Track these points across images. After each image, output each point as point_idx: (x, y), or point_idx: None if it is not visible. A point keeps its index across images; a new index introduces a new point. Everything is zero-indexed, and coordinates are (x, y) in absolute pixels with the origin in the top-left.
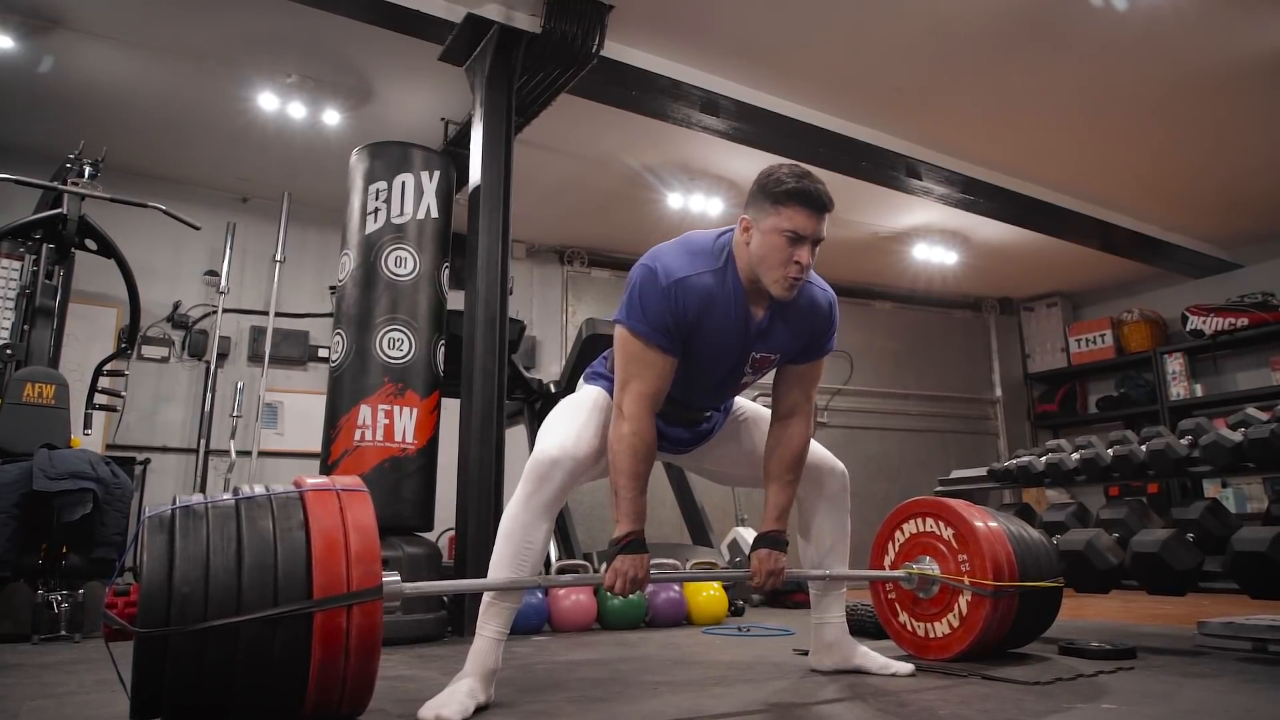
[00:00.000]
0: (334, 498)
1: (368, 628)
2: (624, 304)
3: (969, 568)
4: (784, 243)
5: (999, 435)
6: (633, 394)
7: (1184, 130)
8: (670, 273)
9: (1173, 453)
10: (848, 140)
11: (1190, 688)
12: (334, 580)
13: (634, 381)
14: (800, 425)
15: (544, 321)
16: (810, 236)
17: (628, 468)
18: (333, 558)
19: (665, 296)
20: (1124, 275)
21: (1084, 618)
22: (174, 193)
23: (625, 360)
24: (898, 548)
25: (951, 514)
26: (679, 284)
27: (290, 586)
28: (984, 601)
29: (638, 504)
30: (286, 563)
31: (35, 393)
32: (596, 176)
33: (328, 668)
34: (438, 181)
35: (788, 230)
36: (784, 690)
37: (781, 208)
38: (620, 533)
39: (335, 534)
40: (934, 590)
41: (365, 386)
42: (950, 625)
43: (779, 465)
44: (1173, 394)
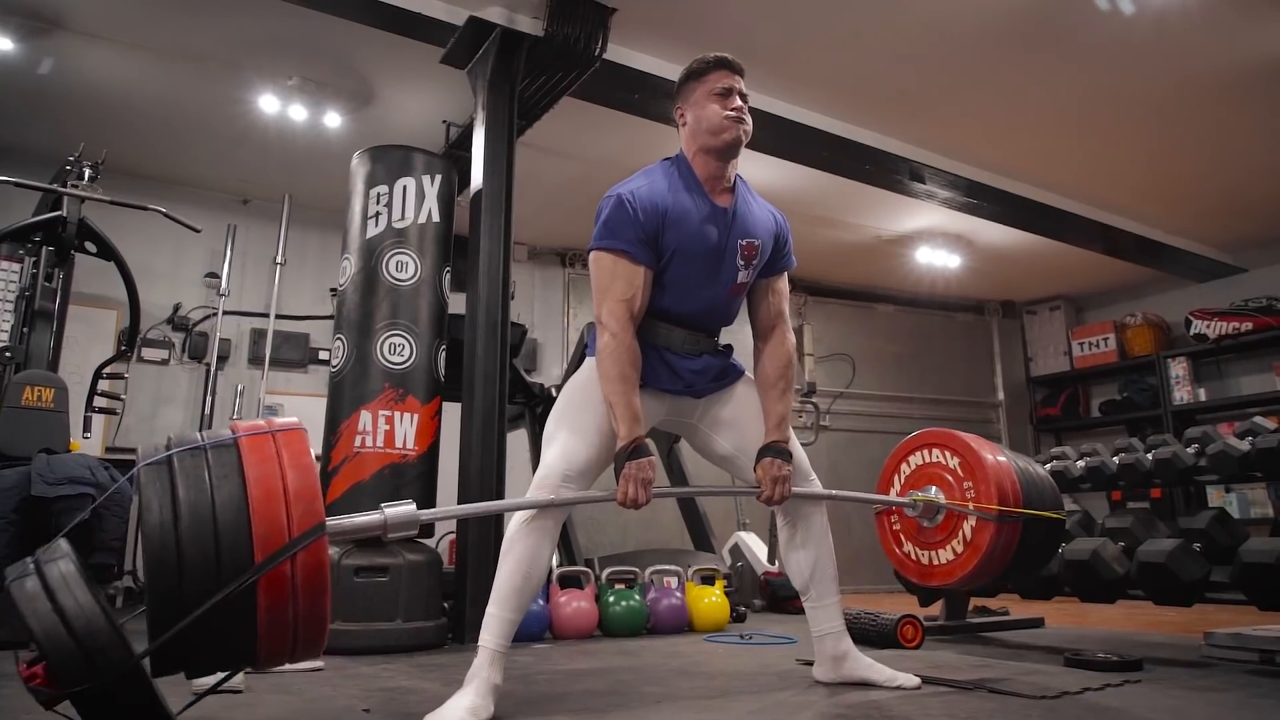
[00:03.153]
0: (269, 440)
1: (314, 568)
2: (594, 236)
3: (974, 495)
4: (717, 100)
5: (1001, 439)
6: (609, 303)
7: (1188, 134)
8: (628, 189)
9: (1179, 462)
10: (851, 144)
11: (1198, 702)
12: (275, 529)
13: (608, 292)
14: (781, 338)
15: (546, 324)
16: (734, 89)
17: (614, 372)
18: (271, 504)
19: (625, 207)
20: (1127, 279)
21: (1088, 626)
22: (174, 195)
23: (599, 276)
24: (904, 479)
25: (958, 443)
26: (636, 193)
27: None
28: (988, 526)
29: (632, 406)
30: (225, 514)
31: (34, 396)
32: (599, 180)
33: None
34: (439, 185)
35: (717, 88)
36: (787, 704)
37: (705, 76)
38: (623, 441)
39: (273, 479)
40: (939, 518)
41: (366, 392)
42: (955, 551)
43: (771, 372)
44: (1176, 398)
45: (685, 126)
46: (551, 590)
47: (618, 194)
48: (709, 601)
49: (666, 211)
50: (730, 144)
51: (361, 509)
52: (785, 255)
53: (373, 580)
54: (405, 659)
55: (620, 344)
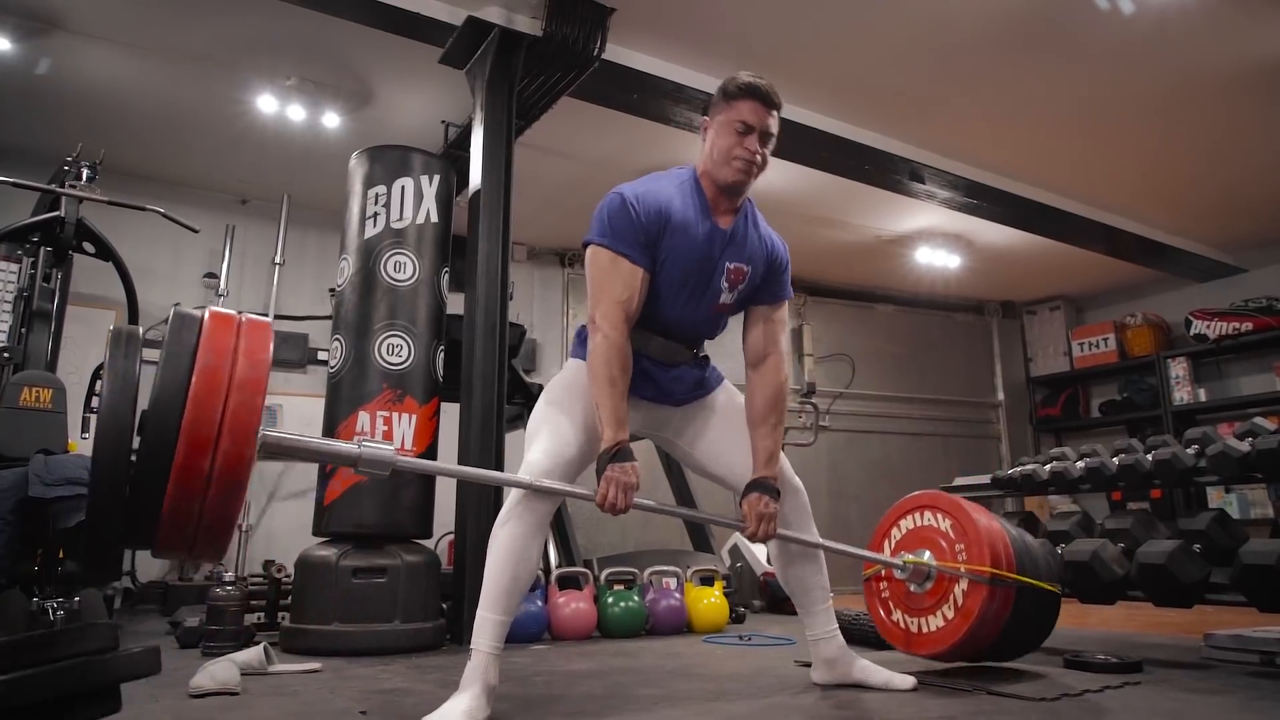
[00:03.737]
0: (233, 324)
1: (232, 465)
2: (592, 227)
3: (966, 557)
4: (732, 135)
5: (1001, 439)
6: (605, 304)
7: (1188, 134)
8: (632, 192)
9: (1179, 463)
10: (851, 144)
11: (1199, 704)
12: (205, 417)
13: (604, 293)
14: (774, 366)
15: (545, 324)
16: (758, 127)
17: (603, 374)
18: (210, 393)
19: (629, 209)
20: (1127, 279)
21: (1088, 627)
22: (173, 195)
23: (596, 274)
24: (895, 544)
25: (949, 504)
26: (641, 197)
27: (160, 424)
28: (980, 589)
29: (619, 410)
30: (163, 394)
31: (32, 396)
32: (598, 180)
33: (179, 508)
34: (437, 185)
35: (738, 122)
36: (785, 706)
37: (734, 102)
38: (607, 444)
39: (220, 369)
40: (928, 584)
41: (364, 393)
42: (945, 618)
43: (762, 405)
44: (1176, 398)
45: (704, 134)
46: (550, 591)
47: (622, 194)
48: (708, 603)
49: (669, 219)
50: (732, 185)
51: (360, 510)
52: (781, 285)
53: (371, 581)
54: (403, 660)
55: (613, 346)
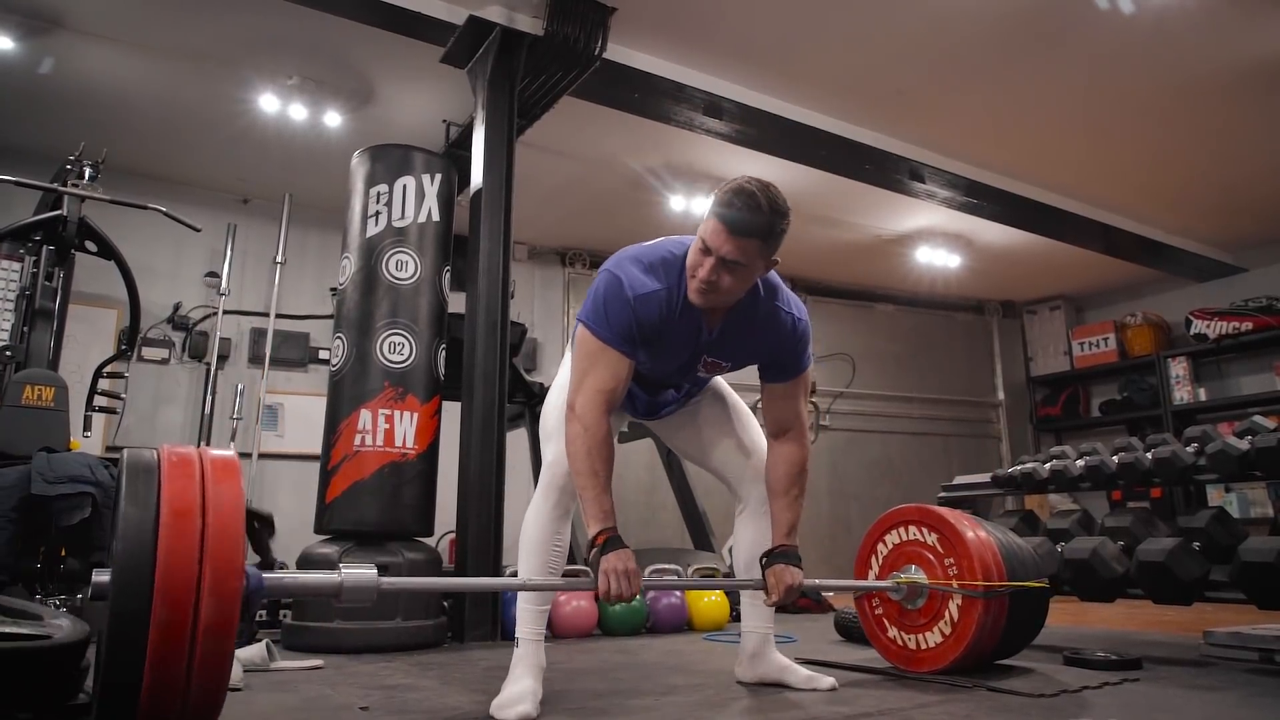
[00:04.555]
0: (193, 467)
1: (216, 635)
2: (588, 305)
3: (957, 571)
4: (695, 251)
5: (1001, 438)
6: (587, 390)
7: (1187, 134)
8: (634, 287)
9: (1179, 461)
10: (850, 143)
11: (1198, 701)
12: (181, 580)
13: (589, 378)
14: (795, 442)
15: (545, 323)
16: (715, 252)
17: (584, 467)
18: (182, 552)
19: (627, 306)
20: (1127, 278)
21: (1087, 624)
22: (174, 194)
23: (583, 357)
24: (882, 560)
25: (935, 519)
26: (640, 299)
27: (130, 585)
28: (975, 605)
29: (602, 502)
30: (129, 553)
31: (34, 395)
32: (598, 178)
33: (161, 681)
34: (439, 184)
35: (700, 240)
36: (787, 702)
37: (709, 216)
38: (592, 535)
39: (190, 518)
40: (921, 601)
41: (365, 391)
42: (942, 634)
43: (785, 478)
44: (1176, 398)
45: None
46: None
47: (624, 281)
48: (708, 601)
49: (660, 324)
50: (695, 303)
51: (361, 508)
52: (794, 363)
53: None
54: (404, 657)
55: (593, 438)
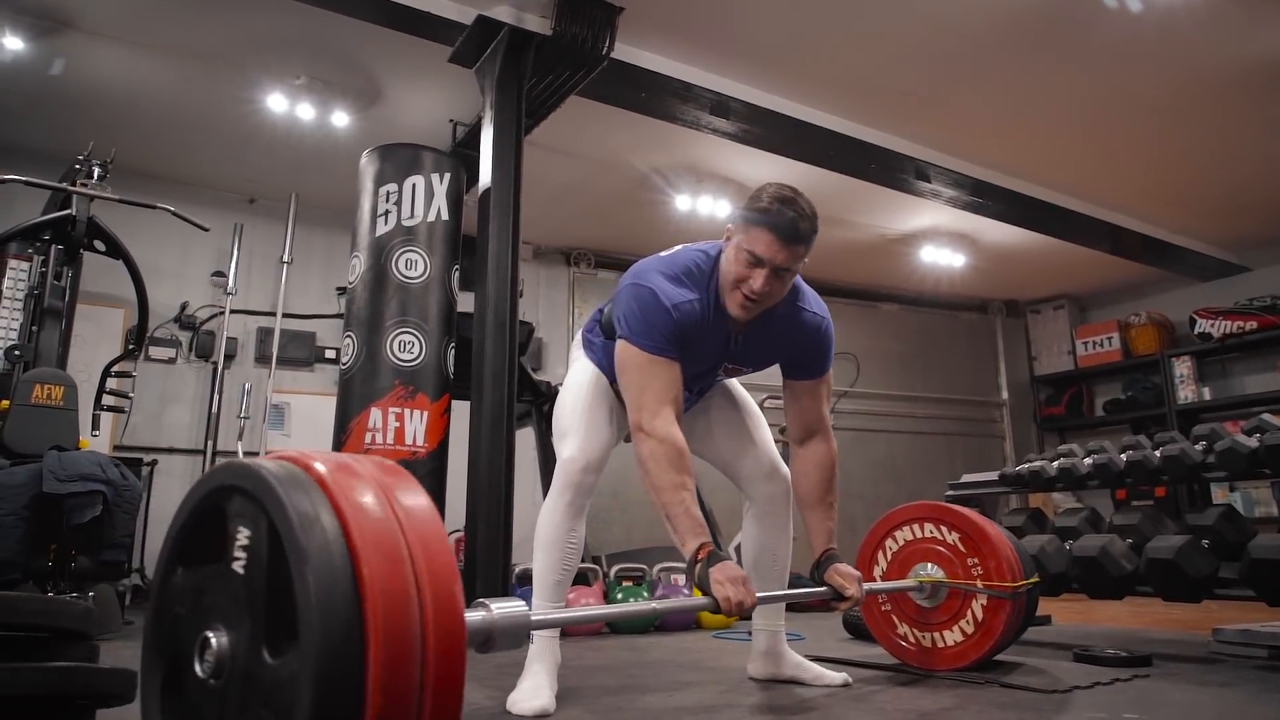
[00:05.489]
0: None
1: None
2: (625, 322)
3: (981, 571)
4: (743, 263)
5: (1005, 438)
6: (651, 405)
7: (1191, 133)
8: (670, 297)
9: (1188, 458)
10: (856, 142)
11: (1210, 697)
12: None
13: (648, 393)
14: (824, 442)
15: (550, 323)
16: (769, 263)
17: (668, 481)
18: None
19: (669, 316)
20: (1131, 278)
21: (1094, 623)
22: (182, 194)
23: (637, 374)
24: (891, 556)
25: (958, 518)
26: (678, 308)
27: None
28: (1004, 605)
29: (694, 515)
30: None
31: (44, 394)
32: (604, 179)
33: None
34: (448, 184)
35: (748, 251)
36: (801, 696)
37: (751, 227)
38: (693, 549)
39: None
40: (940, 599)
41: (376, 389)
42: (963, 632)
43: (817, 485)
44: (1180, 397)
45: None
46: None
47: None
48: None
49: (696, 329)
50: (735, 316)
51: None
52: (820, 362)
53: None
54: None
55: (673, 450)
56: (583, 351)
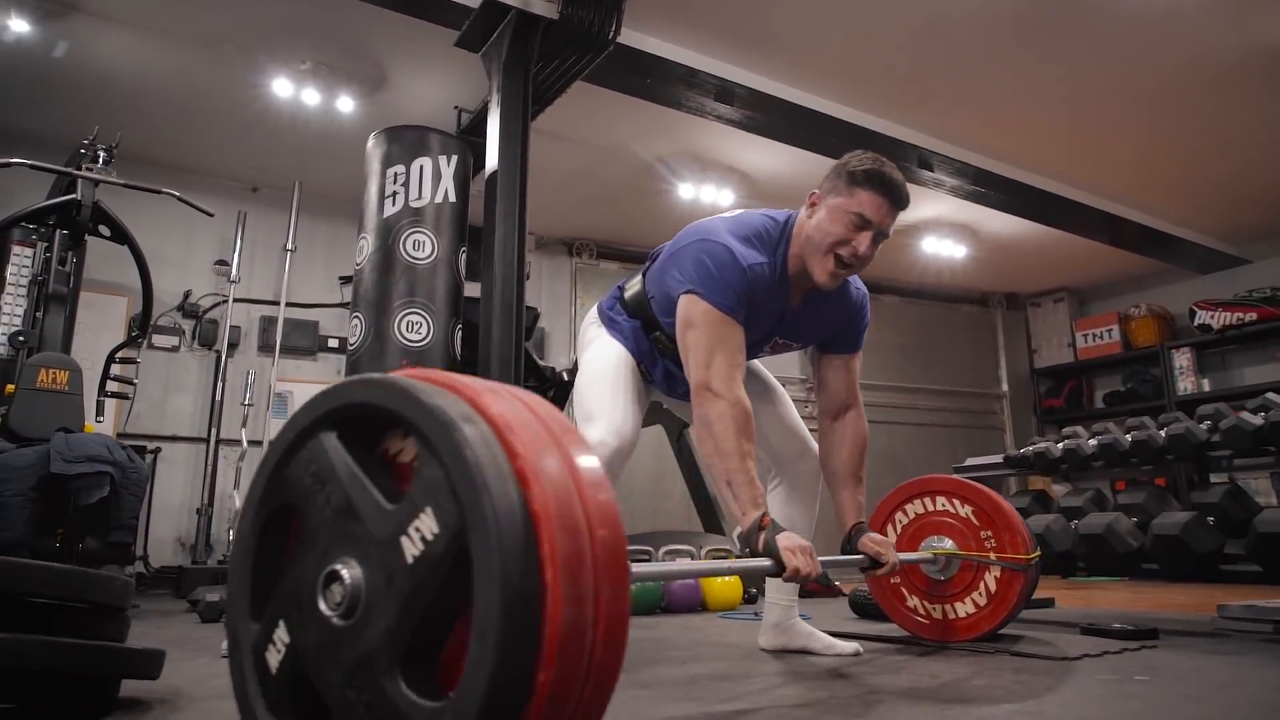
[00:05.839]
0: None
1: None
2: (696, 278)
3: (995, 544)
4: (847, 226)
5: (1005, 430)
6: (721, 366)
7: (1192, 123)
8: (745, 256)
9: (1192, 437)
10: (860, 130)
11: (1219, 663)
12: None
13: (719, 354)
14: (858, 418)
15: (553, 314)
16: (875, 226)
17: (734, 447)
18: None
19: (744, 277)
20: (1132, 270)
21: (1096, 605)
22: (186, 182)
23: (707, 332)
24: (900, 529)
25: (972, 491)
26: (753, 269)
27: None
28: (1018, 577)
29: (756, 483)
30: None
31: (49, 378)
32: (607, 167)
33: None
34: (455, 166)
35: (855, 213)
36: (816, 664)
37: (856, 189)
38: (755, 519)
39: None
40: (952, 572)
41: (383, 369)
42: (975, 604)
43: (849, 461)
44: (1180, 389)
45: (809, 214)
46: None
47: (735, 251)
48: (722, 582)
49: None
50: (820, 284)
51: None
52: (860, 336)
53: None
54: None
55: (741, 413)
56: (604, 330)
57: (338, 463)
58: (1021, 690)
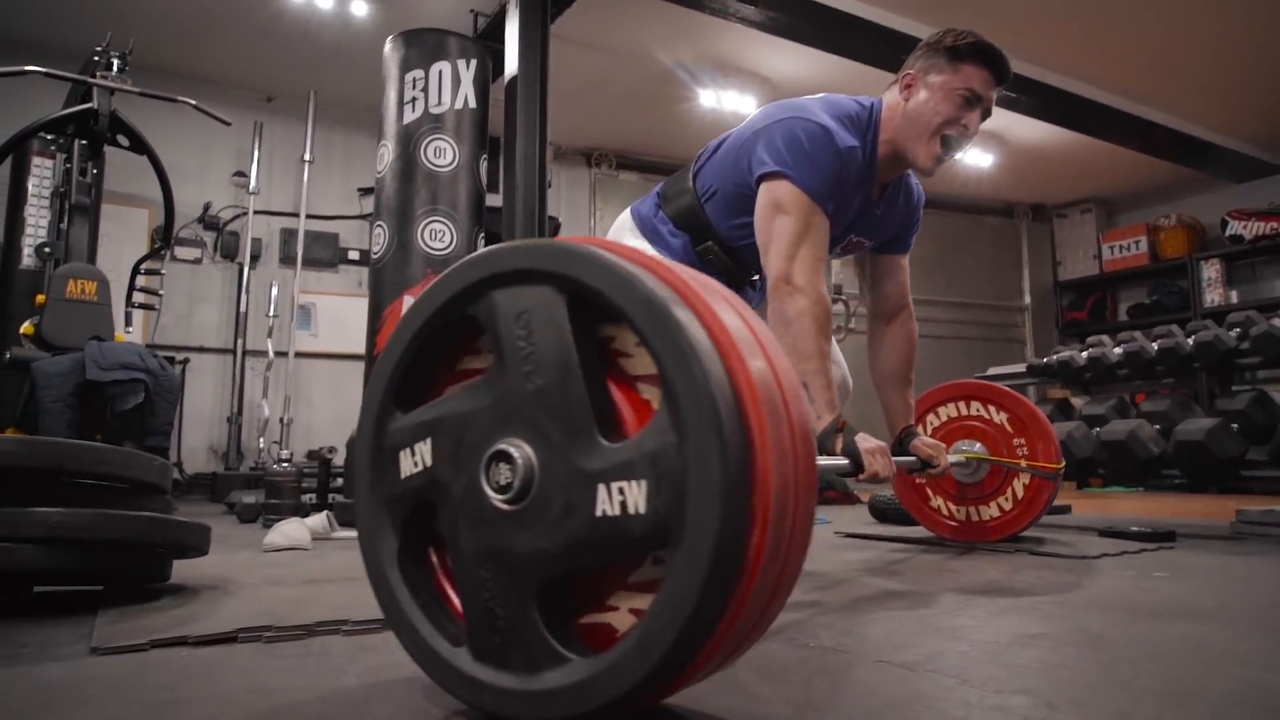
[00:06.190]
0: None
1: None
2: (786, 158)
3: (1028, 451)
4: (956, 104)
5: (1026, 343)
6: (806, 258)
7: (1232, 20)
8: (841, 138)
9: (1221, 344)
10: (887, 32)
11: (1237, 562)
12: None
13: (806, 245)
14: (909, 320)
15: (571, 226)
16: (984, 101)
17: (816, 348)
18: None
19: (839, 159)
20: (1162, 179)
21: (1115, 513)
22: (200, 92)
23: (795, 219)
24: (931, 430)
25: (1008, 398)
26: (849, 151)
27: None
28: (1047, 485)
29: (832, 388)
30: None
31: (78, 289)
32: (627, 73)
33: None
34: (474, 70)
35: (963, 89)
36: (850, 559)
37: (962, 64)
38: (829, 423)
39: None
40: (982, 474)
41: (408, 278)
42: (1001, 508)
43: (900, 364)
44: (1207, 300)
45: (904, 97)
46: None
47: (832, 130)
48: None
49: (852, 184)
50: (921, 170)
51: None
52: (911, 237)
53: None
54: None
55: (823, 310)
56: (647, 244)
57: (558, 338)
58: (1047, 585)
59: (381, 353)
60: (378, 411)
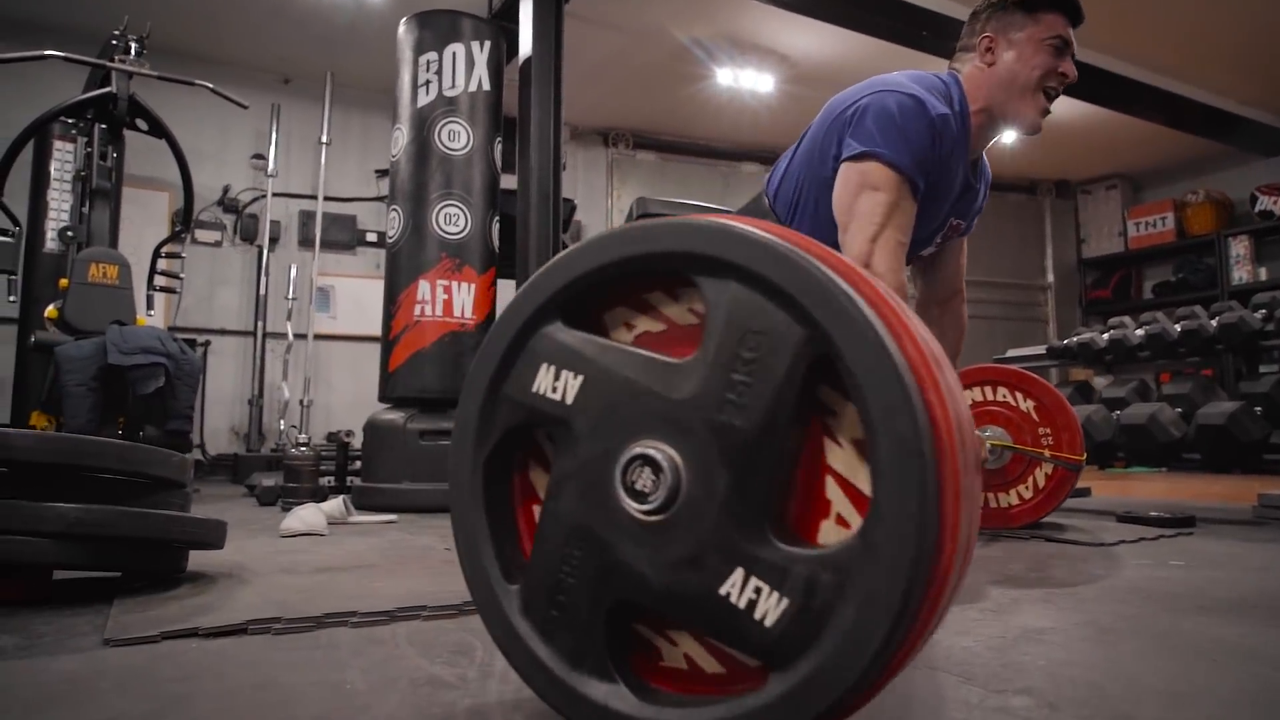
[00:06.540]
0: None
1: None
2: (874, 134)
3: (1052, 441)
4: (1049, 53)
5: (1049, 321)
6: (890, 245)
7: None
8: (933, 105)
9: (1246, 326)
10: (908, 7)
11: (1257, 549)
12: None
13: (890, 228)
14: (960, 305)
15: (588, 206)
16: (1071, 46)
17: None
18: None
19: (932, 129)
20: (1189, 154)
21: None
22: (216, 74)
23: (884, 197)
24: None
25: (1037, 386)
26: (944, 119)
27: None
28: (1070, 476)
29: None
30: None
31: (100, 273)
32: (642, 51)
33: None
34: (488, 52)
35: (1051, 38)
36: None
37: (1041, 14)
38: None
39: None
40: (1004, 460)
41: (423, 262)
42: (1021, 497)
43: (951, 350)
44: (1235, 278)
45: (988, 62)
46: None
47: (924, 100)
48: None
49: (947, 158)
50: (1030, 128)
51: (424, 376)
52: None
53: (437, 443)
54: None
55: (903, 296)
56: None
57: (774, 392)
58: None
59: (569, 252)
60: (541, 302)
